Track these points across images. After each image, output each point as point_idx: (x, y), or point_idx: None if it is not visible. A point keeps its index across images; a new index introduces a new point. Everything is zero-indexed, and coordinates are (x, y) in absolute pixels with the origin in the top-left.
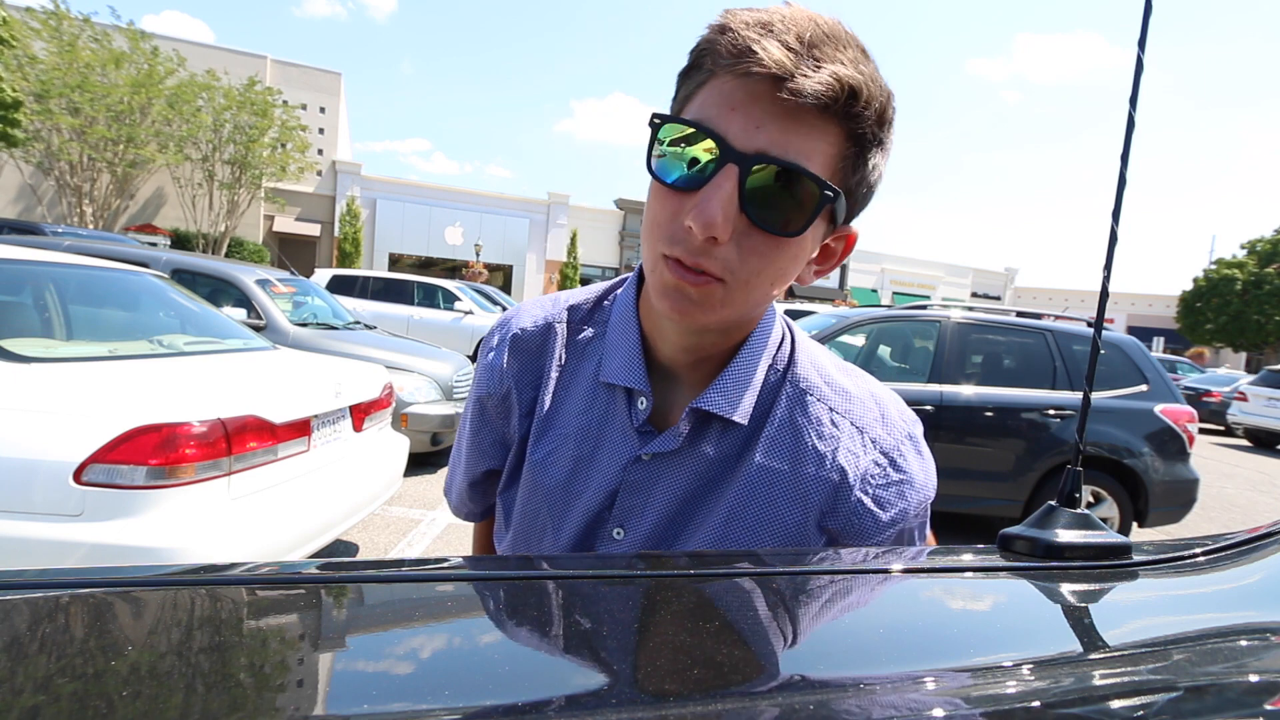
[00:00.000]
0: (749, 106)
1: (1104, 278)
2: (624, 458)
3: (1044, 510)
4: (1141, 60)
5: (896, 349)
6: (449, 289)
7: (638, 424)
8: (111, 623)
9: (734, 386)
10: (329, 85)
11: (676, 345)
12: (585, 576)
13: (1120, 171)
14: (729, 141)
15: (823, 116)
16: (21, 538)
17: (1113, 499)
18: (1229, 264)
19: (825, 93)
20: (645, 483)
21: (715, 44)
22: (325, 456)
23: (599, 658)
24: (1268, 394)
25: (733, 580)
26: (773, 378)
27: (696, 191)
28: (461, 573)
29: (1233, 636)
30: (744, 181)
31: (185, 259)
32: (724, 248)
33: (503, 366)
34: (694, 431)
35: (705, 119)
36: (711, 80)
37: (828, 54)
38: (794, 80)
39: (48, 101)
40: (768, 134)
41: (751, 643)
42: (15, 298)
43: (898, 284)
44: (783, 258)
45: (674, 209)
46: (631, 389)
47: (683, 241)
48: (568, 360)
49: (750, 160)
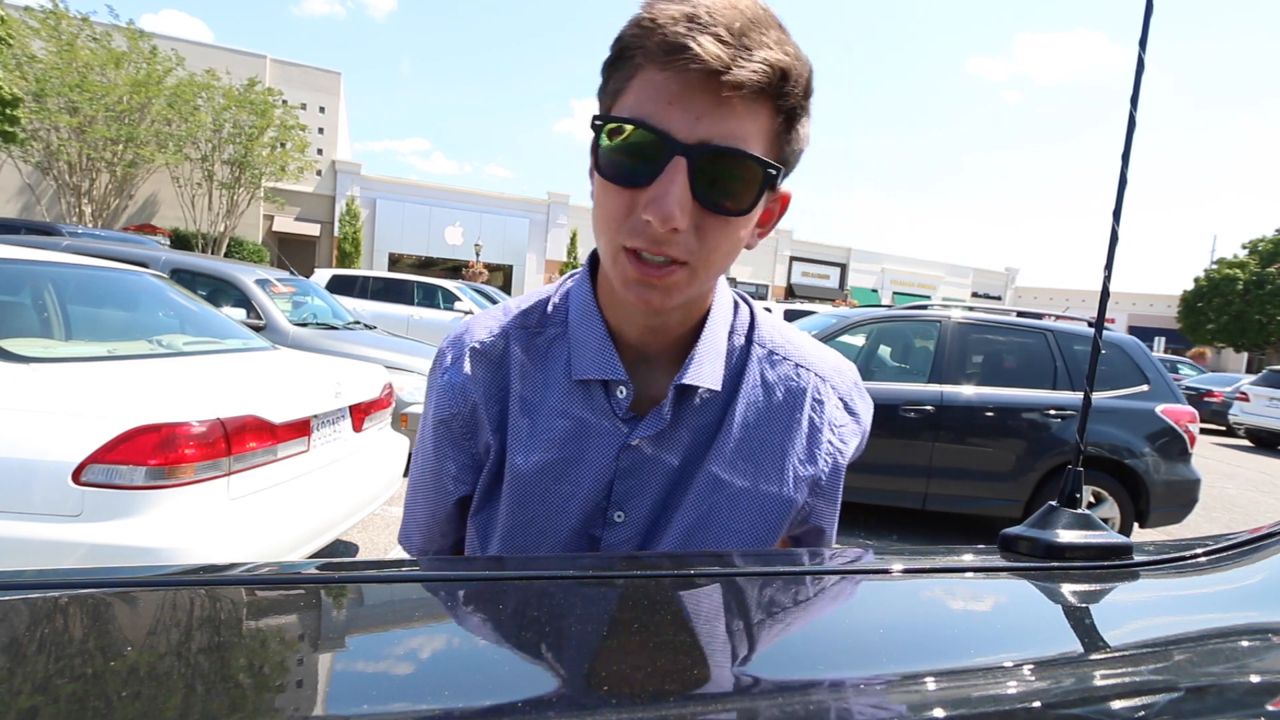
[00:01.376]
0: (687, 99)
1: (1105, 277)
2: (614, 448)
3: (1045, 510)
4: (1142, 60)
5: (897, 349)
6: (449, 289)
7: (621, 413)
8: (111, 623)
9: (709, 358)
10: (328, 85)
11: (643, 329)
12: (586, 577)
13: (1121, 171)
14: (673, 135)
15: (756, 99)
16: (21, 538)
17: (1114, 499)
18: (1230, 264)
19: (760, 80)
20: (638, 466)
21: (644, 39)
22: (325, 456)
23: (600, 658)
24: (1269, 394)
25: (733, 580)
26: (739, 343)
27: (648, 186)
28: (461, 573)
29: (1234, 637)
30: (693, 171)
31: (184, 259)
32: (683, 234)
33: (463, 383)
34: (676, 407)
35: (645, 115)
36: (642, 73)
37: (755, 40)
38: (730, 72)
39: (46, 101)
40: (708, 124)
41: (752, 642)
42: (14, 298)
43: (898, 284)
44: (736, 232)
45: (627, 203)
46: (609, 380)
47: (643, 233)
48: (531, 366)
49: (696, 150)
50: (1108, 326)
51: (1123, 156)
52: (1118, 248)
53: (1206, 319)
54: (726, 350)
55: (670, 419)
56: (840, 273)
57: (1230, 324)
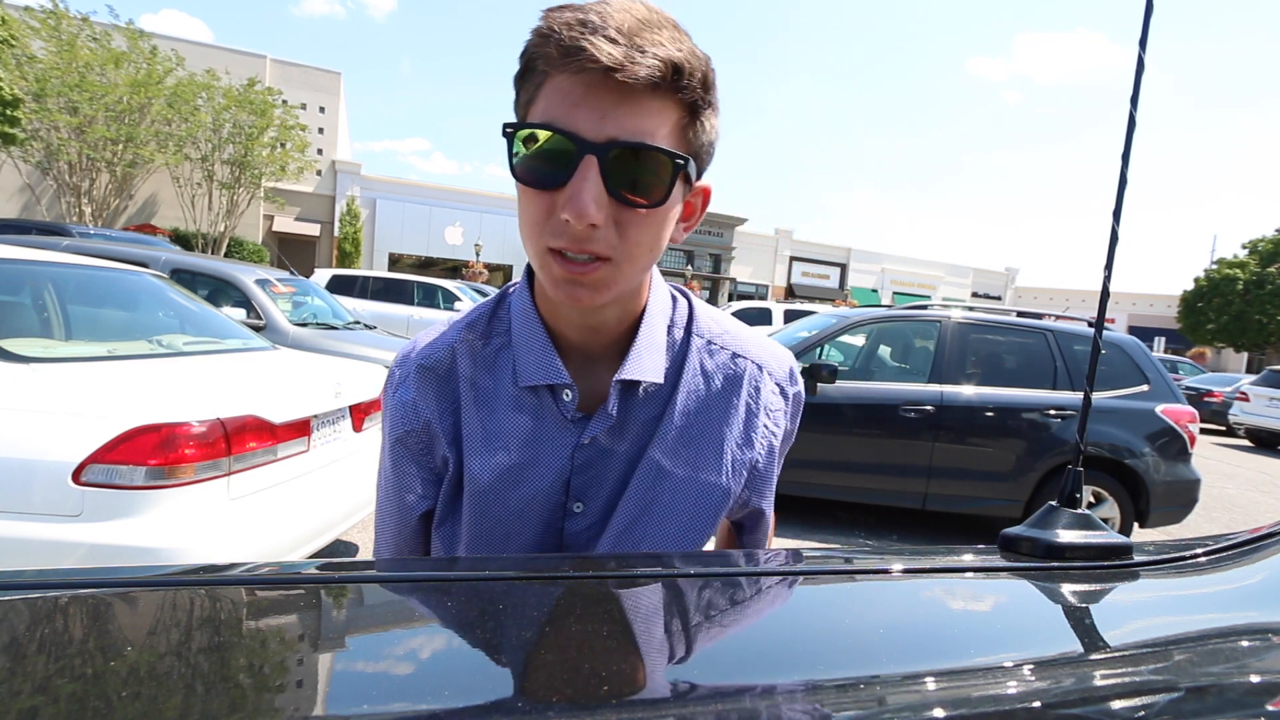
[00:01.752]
0: (591, 100)
1: (1105, 277)
2: (567, 448)
3: (1045, 510)
4: (1142, 60)
5: (897, 349)
6: (449, 289)
7: (570, 414)
8: (111, 623)
9: (648, 352)
10: (328, 85)
11: (582, 328)
12: (584, 577)
13: (1121, 171)
14: (581, 135)
15: (656, 94)
16: (20, 538)
17: (1114, 499)
18: (1230, 264)
19: (655, 74)
20: (592, 461)
21: (544, 47)
22: (325, 456)
23: (599, 658)
24: (1269, 394)
25: (733, 580)
26: (679, 335)
27: (564, 187)
28: (461, 573)
29: (1234, 637)
30: (604, 168)
31: (184, 259)
32: (603, 230)
33: (414, 400)
34: (622, 402)
35: (553, 119)
36: (548, 81)
37: (648, 39)
38: (626, 69)
39: (46, 100)
40: (614, 122)
41: (752, 642)
42: (14, 298)
43: (898, 284)
44: (656, 225)
45: (547, 206)
46: (554, 384)
47: (564, 233)
48: (479, 377)
49: (604, 148)
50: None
51: (1123, 156)
52: (1118, 248)
53: (1206, 319)
54: (667, 343)
55: (617, 414)
56: (840, 273)
57: (1230, 324)
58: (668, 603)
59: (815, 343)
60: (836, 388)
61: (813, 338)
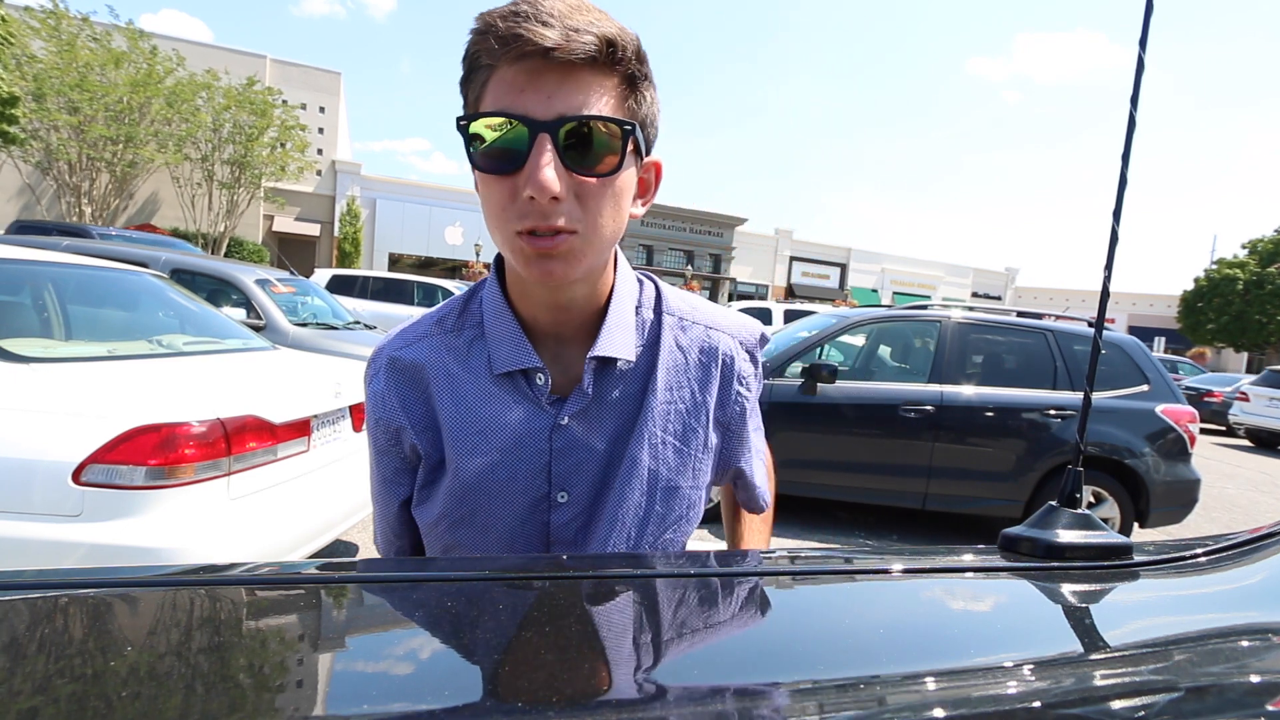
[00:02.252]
0: (535, 83)
1: (1105, 277)
2: (545, 430)
3: (1045, 511)
4: (1142, 60)
5: (897, 349)
6: (449, 289)
7: (545, 398)
8: (111, 623)
9: (619, 331)
10: (329, 85)
11: (553, 308)
12: (584, 577)
13: (1121, 171)
14: (531, 116)
15: (595, 69)
16: (20, 538)
17: (1114, 499)
18: (1230, 264)
19: (592, 49)
20: (571, 445)
21: (483, 43)
22: (325, 456)
23: (600, 657)
24: (1269, 394)
25: (733, 580)
26: (649, 316)
27: (523, 168)
28: (461, 573)
29: (1234, 637)
30: (557, 144)
31: (184, 259)
32: (565, 204)
33: (384, 392)
34: (597, 382)
35: (503, 106)
36: (493, 75)
37: (579, 20)
38: (563, 47)
39: (46, 100)
40: (560, 99)
41: (752, 642)
42: (14, 298)
43: (898, 284)
44: (614, 194)
45: (509, 191)
46: (527, 369)
47: (530, 213)
48: (453, 368)
49: (555, 125)
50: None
51: (1123, 156)
52: (1118, 248)
53: (1206, 319)
54: (637, 323)
55: (592, 394)
56: (840, 273)
57: (1230, 324)
58: (668, 603)
59: (815, 343)
60: (836, 388)
61: (813, 338)
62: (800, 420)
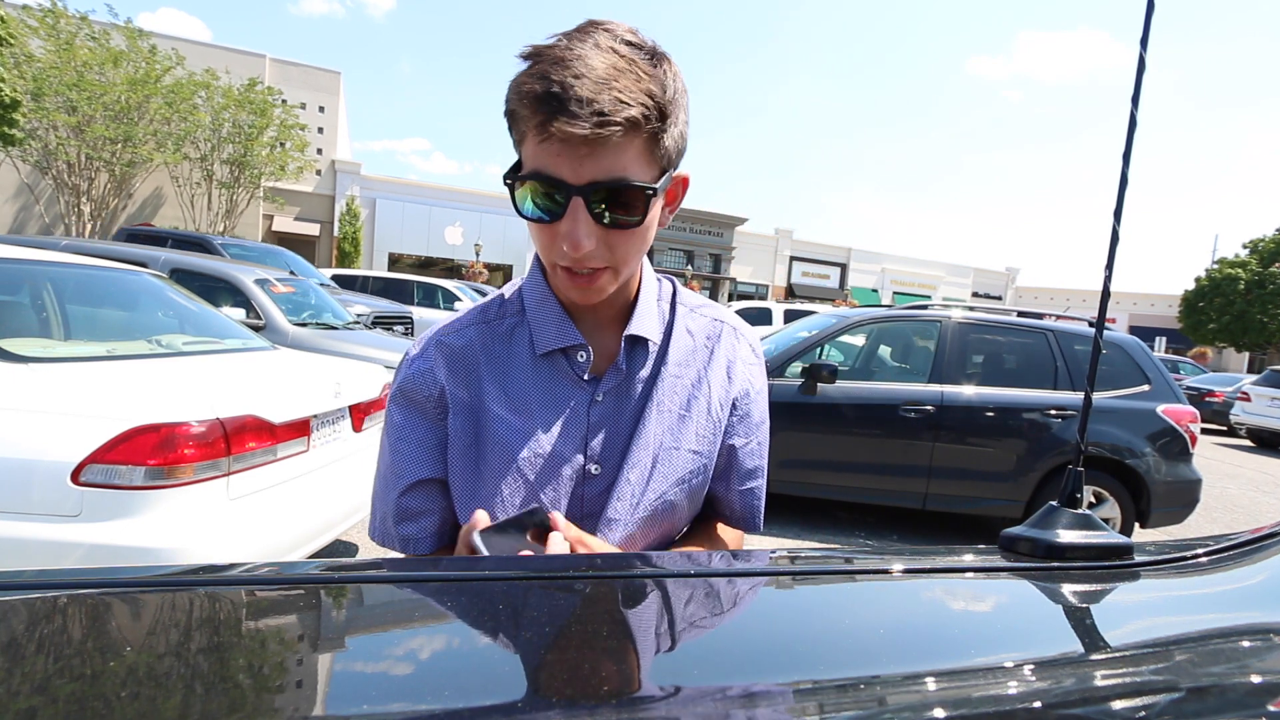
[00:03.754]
0: (567, 153)
1: (1106, 277)
2: (584, 405)
3: (1045, 511)
4: (1143, 59)
5: (897, 349)
6: (449, 289)
7: (584, 374)
8: (110, 623)
9: (647, 316)
10: (328, 84)
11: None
12: (584, 577)
13: (1122, 171)
14: (566, 181)
15: (624, 137)
16: (19, 538)
17: (1114, 499)
18: (1231, 263)
19: (619, 133)
20: (605, 418)
21: (520, 114)
22: (325, 456)
23: (600, 657)
24: (1270, 394)
25: (733, 580)
26: (665, 307)
27: (559, 221)
28: (461, 574)
29: (1235, 637)
30: (589, 205)
31: (184, 259)
32: (596, 250)
33: (431, 369)
34: (628, 360)
35: (541, 168)
36: (531, 131)
37: (607, 100)
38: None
39: (44, 100)
40: (590, 166)
41: (753, 642)
42: (14, 298)
43: (898, 284)
44: (640, 235)
45: (550, 235)
46: (569, 347)
47: (567, 256)
48: (496, 349)
49: (587, 190)
50: (1108, 326)
51: (1124, 156)
52: (1118, 248)
53: (1208, 319)
54: (659, 312)
55: (626, 370)
56: (840, 273)
57: (1231, 324)
58: (668, 603)
59: (815, 343)
60: (836, 388)
61: (813, 338)
62: (800, 420)
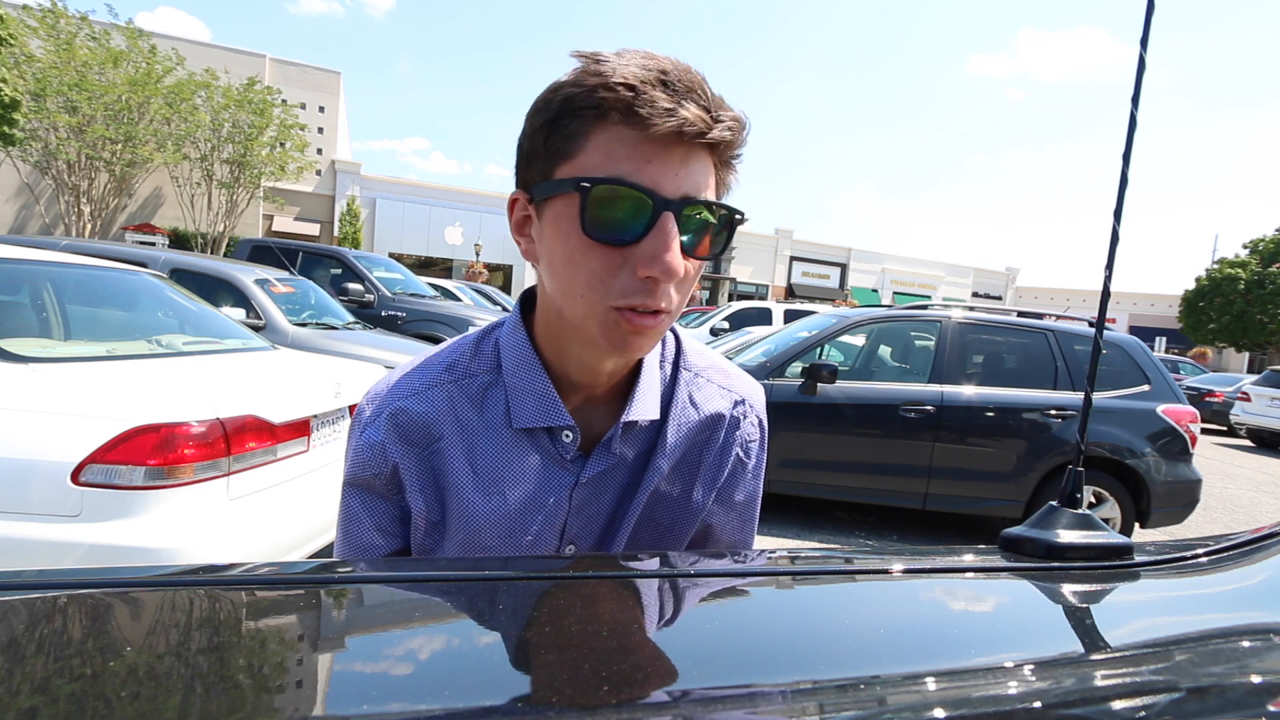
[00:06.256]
0: (664, 156)
1: (1106, 277)
2: (565, 489)
3: (1045, 511)
4: (1143, 59)
5: (897, 349)
6: (450, 289)
7: (569, 455)
8: (110, 624)
9: (649, 391)
10: (328, 84)
11: (596, 372)
12: (584, 577)
13: (1122, 171)
14: (660, 193)
15: (709, 150)
16: (19, 538)
17: (1114, 499)
18: (1232, 263)
19: (730, 136)
20: (587, 501)
21: (613, 98)
22: (325, 456)
23: (600, 657)
24: (1270, 394)
25: (733, 580)
26: (668, 371)
27: (637, 243)
28: (461, 574)
29: (1235, 637)
30: (681, 224)
31: (184, 258)
32: (669, 284)
33: (383, 443)
34: (620, 441)
35: (624, 174)
36: (604, 131)
37: (713, 100)
38: (712, 132)
39: (45, 100)
40: (684, 179)
41: (753, 643)
42: (13, 298)
43: (898, 284)
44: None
45: (615, 263)
46: (553, 427)
47: (638, 291)
48: (465, 415)
49: (680, 205)
50: (1108, 326)
51: (1124, 156)
52: (1118, 248)
53: (1208, 319)
54: (659, 378)
55: (618, 454)
56: (840, 273)
57: (1231, 324)
58: (668, 603)
59: (815, 343)
60: (837, 388)
61: (813, 338)
62: (800, 420)
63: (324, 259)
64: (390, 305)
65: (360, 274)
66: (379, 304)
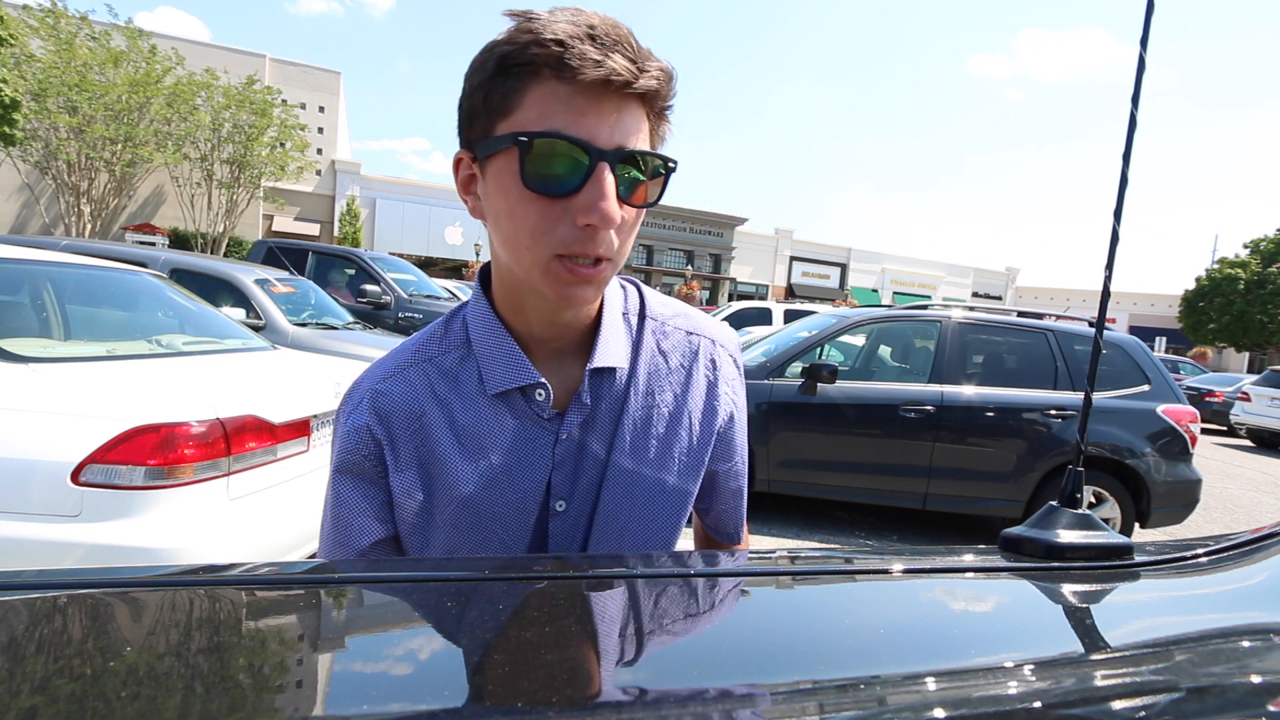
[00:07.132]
0: (597, 109)
1: (1106, 277)
2: (546, 446)
3: (1045, 511)
4: (1143, 59)
5: (897, 349)
6: (451, 290)
7: (545, 413)
8: (110, 624)
9: (613, 339)
10: (328, 84)
11: (555, 324)
12: (583, 577)
13: (1122, 171)
14: (595, 144)
15: (641, 101)
16: (19, 538)
17: (1114, 499)
18: (1232, 263)
19: (656, 86)
20: (569, 456)
21: (545, 54)
22: (325, 456)
23: (599, 657)
24: (1271, 394)
25: (733, 580)
26: (633, 321)
27: (575, 194)
28: (460, 574)
29: (1235, 637)
30: (615, 174)
31: (184, 258)
32: (608, 232)
33: (367, 425)
34: (593, 392)
35: (560, 126)
36: (539, 86)
37: (641, 52)
38: (638, 82)
39: (45, 100)
40: (619, 130)
41: (753, 643)
42: (14, 298)
43: (899, 284)
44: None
45: (556, 213)
46: (525, 386)
47: (577, 240)
48: (442, 391)
49: (615, 155)
50: (1108, 326)
51: (1124, 156)
52: (1118, 248)
53: (1208, 319)
54: (624, 328)
55: (590, 404)
56: (840, 273)
57: (1232, 324)
58: (667, 603)
59: (815, 343)
60: (836, 388)
61: (813, 338)
62: (800, 420)
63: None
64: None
65: (377, 276)
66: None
